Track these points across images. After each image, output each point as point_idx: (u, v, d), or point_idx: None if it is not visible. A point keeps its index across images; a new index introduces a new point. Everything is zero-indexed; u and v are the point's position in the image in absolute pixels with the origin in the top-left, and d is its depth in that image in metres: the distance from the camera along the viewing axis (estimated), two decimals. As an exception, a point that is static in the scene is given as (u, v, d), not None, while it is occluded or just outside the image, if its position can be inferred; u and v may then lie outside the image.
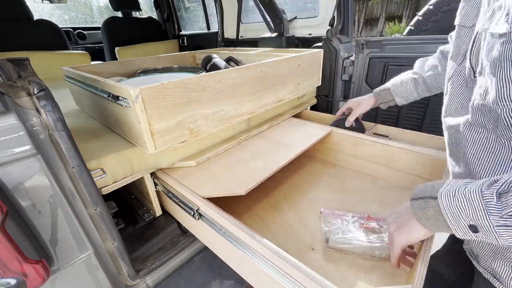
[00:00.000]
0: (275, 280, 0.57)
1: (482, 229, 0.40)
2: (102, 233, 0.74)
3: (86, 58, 2.24)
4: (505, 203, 0.37)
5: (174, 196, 0.86)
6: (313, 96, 1.61)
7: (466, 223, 0.41)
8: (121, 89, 0.72)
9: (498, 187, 0.38)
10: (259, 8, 1.92)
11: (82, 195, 0.67)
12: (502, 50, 0.42)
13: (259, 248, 0.59)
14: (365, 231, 0.75)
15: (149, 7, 3.93)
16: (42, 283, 0.58)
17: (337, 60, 1.59)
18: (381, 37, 1.50)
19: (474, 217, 0.40)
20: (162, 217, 1.02)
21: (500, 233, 0.38)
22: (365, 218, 0.80)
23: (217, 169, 0.92)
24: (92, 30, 3.38)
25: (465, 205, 0.41)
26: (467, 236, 0.42)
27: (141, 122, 0.71)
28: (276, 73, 1.11)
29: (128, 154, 0.82)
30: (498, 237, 0.39)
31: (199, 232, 0.85)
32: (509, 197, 0.37)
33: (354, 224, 0.78)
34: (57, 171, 0.61)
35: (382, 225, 0.77)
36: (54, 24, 2.20)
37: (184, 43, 2.98)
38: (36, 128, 0.57)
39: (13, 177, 0.55)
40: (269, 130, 1.22)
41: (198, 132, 0.88)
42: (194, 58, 1.77)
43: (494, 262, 0.54)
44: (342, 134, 1.14)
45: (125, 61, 1.41)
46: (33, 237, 0.59)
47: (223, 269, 1.18)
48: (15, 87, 0.55)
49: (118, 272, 0.82)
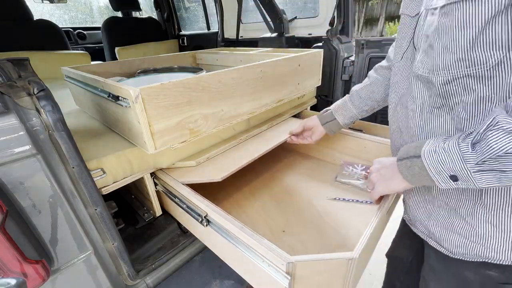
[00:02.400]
0: (273, 278, 0.57)
1: (462, 177, 0.45)
2: (102, 233, 0.74)
3: (86, 58, 2.24)
4: (479, 151, 0.41)
5: (175, 197, 0.87)
6: (313, 96, 1.61)
7: (447, 174, 0.46)
8: (121, 89, 0.72)
9: (472, 138, 0.43)
10: (259, 8, 1.92)
11: (82, 195, 0.67)
12: (440, 21, 0.46)
13: (260, 249, 0.59)
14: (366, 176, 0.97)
15: (149, 7, 3.93)
16: (42, 283, 0.58)
17: (337, 60, 1.59)
18: (381, 37, 1.50)
19: (454, 168, 0.45)
20: (162, 217, 1.02)
21: (476, 178, 0.43)
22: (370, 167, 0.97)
23: (217, 169, 0.92)
24: (92, 30, 3.37)
25: (445, 158, 0.46)
26: (449, 185, 0.47)
27: (141, 122, 0.71)
28: (276, 73, 1.11)
29: (128, 154, 0.82)
30: (476, 182, 0.43)
31: (199, 232, 0.85)
32: (482, 145, 0.41)
33: (362, 171, 1.06)
34: (57, 171, 0.61)
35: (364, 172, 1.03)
36: (54, 24, 2.20)
37: (184, 43, 2.98)
38: (36, 128, 0.57)
39: (13, 177, 0.55)
40: (269, 130, 1.22)
41: (198, 132, 0.88)
42: (194, 58, 1.77)
43: (429, 224, 0.63)
44: None
45: (125, 61, 1.41)
46: (33, 237, 0.59)
47: (223, 269, 1.18)
48: (15, 87, 0.55)
49: (118, 272, 0.82)
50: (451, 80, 0.47)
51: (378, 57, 1.46)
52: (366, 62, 1.50)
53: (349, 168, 1.09)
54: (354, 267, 0.54)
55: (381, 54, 1.44)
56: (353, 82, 1.59)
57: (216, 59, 1.66)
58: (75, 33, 3.21)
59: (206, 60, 1.73)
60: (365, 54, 1.49)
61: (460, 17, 0.43)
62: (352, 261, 0.53)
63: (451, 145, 0.45)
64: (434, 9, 0.48)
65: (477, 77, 0.44)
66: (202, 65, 1.76)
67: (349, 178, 1.05)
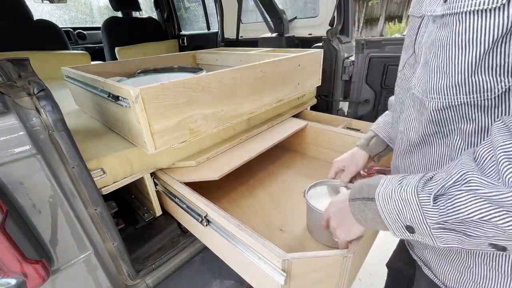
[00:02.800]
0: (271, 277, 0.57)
1: (419, 230, 0.39)
2: (102, 233, 0.74)
3: (86, 58, 2.24)
4: (443, 207, 0.35)
5: (175, 197, 0.87)
6: (313, 96, 1.61)
7: (403, 224, 0.41)
8: (121, 89, 0.72)
9: (433, 189, 0.36)
10: (259, 8, 1.92)
11: (82, 195, 0.67)
12: (438, 35, 0.39)
13: (260, 249, 0.60)
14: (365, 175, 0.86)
15: (149, 7, 3.93)
16: (42, 283, 0.58)
17: (337, 60, 1.59)
18: (381, 37, 1.50)
19: (411, 219, 0.39)
20: (162, 217, 1.01)
21: (436, 235, 0.37)
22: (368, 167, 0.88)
23: (217, 169, 0.92)
24: (92, 30, 3.37)
25: (402, 207, 0.40)
26: (404, 236, 0.42)
27: (141, 122, 0.71)
28: (276, 73, 1.11)
29: (128, 154, 0.82)
30: (435, 239, 0.38)
31: (198, 232, 0.85)
32: (447, 204, 0.35)
33: None
34: (57, 171, 0.61)
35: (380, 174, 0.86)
36: (54, 24, 2.20)
37: (184, 43, 2.98)
38: (36, 128, 0.57)
39: (13, 177, 0.55)
40: (269, 130, 1.22)
41: (198, 132, 0.88)
42: (194, 58, 1.77)
43: (425, 252, 0.56)
44: (318, 128, 1.24)
45: (125, 61, 1.41)
46: (33, 237, 0.59)
47: (223, 269, 1.18)
48: (15, 87, 0.55)
49: (118, 272, 0.82)
50: (445, 107, 0.40)
51: (378, 57, 1.46)
52: (366, 62, 1.50)
53: None
54: (349, 265, 0.54)
55: (381, 54, 1.44)
56: (353, 82, 1.59)
57: (216, 59, 1.66)
58: (75, 33, 3.21)
59: (206, 60, 1.73)
60: (365, 54, 1.49)
61: (462, 33, 0.35)
62: (347, 258, 0.53)
63: (409, 192, 0.39)
64: (434, 17, 0.40)
65: (478, 105, 0.37)
66: (202, 65, 1.76)
67: None
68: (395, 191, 0.41)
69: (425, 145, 0.48)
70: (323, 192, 0.81)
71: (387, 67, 1.45)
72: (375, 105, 1.59)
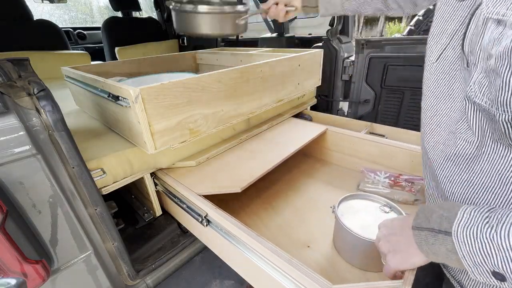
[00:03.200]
0: (275, 279, 0.57)
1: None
2: (102, 233, 0.74)
3: (86, 58, 2.24)
4: None
5: (175, 197, 0.87)
6: (313, 96, 1.61)
7: (489, 269, 0.34)
8: (121, 89, 0.72)
9: None
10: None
11: (82, 195, 0.67)
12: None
13: (260, 248, 0.59)
14: (392, 184, 0.94)
15: (149, 7, 3.93)
16: (42, 283, 0.58)
17: (337, 60, 1.59)
18: (381, 37, 1.50)
19: (504, 267, 0.32)
20: (162, 217, 1.01)
21: None
22: (395, 175, 0.95)
23: (217, 169, 0.92)
24: (92, 30, 3.37)
25: (492, 252, 0.32)
26: (489, 281, 0.35)
27: (141, 122, 0.71)
28: (276, 73, 1.11)
29: (128, 154, 0.82)
30: None
31: (198, 232, 0.85)
32: None
33: (385, 179, 0.98)
34: (57, 171, 0.61)
35: (408, 183, 0.93)
36: (54, 24, 2.20)
37: (184, 43, 2.98)
38: (36, 128, 0.57)
39: (13, 177, 0.55)
40: (269, 130, 1.22)
41: (198, 132, 0.88)
42: (194, 58, 1.76)
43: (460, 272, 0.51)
44: (339, 133, 1.16)
45: (125, 61, 1.41)
46: (33, 237, 0.59)
47: (223, 269, 1.18)
48: (15, 87, 0.55)
49: (118, 272, 0.82)
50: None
51: (378, 57, 1.46)
52: (366, 62, 1.50)
53: (371, 176, 1.01)
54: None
55: (381, 54, 1.44)
56: (353, 82, 1.59)
57: (216, 59, 1.66)
58: (75, 33, 3.22)
59: (206, 60, 1.73)
60: (365, 54, 1.49)
61: None
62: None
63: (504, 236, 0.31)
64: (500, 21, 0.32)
65: None
66: (202, 65, 1.76)
67: (373, 187, 0.96)
68: (482, 231, 0.33)
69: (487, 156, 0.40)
70: (357, 208, 0.72)
71: (387, 67, 1.45)
72: (375, 105, 1.59)
